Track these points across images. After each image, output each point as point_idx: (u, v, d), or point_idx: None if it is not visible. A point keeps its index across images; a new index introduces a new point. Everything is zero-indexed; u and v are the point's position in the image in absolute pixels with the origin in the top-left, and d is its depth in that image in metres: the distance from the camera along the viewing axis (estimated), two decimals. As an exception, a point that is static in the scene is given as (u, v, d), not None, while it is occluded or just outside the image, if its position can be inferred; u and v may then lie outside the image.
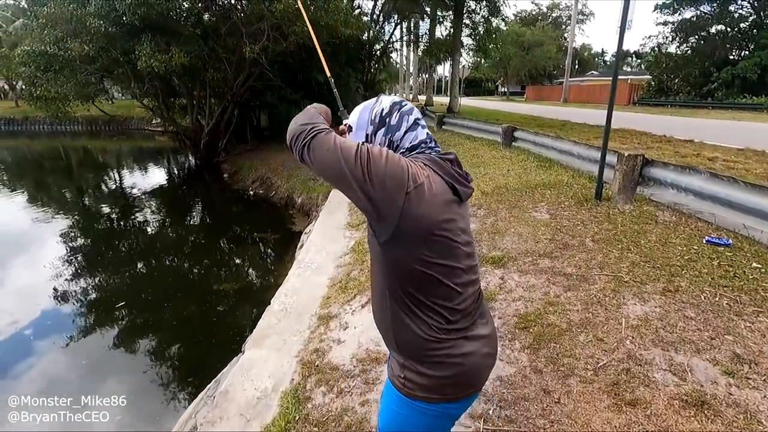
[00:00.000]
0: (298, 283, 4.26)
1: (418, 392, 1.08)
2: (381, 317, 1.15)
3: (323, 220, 6.56)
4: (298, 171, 11.76)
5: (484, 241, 4.03)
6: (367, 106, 1.18)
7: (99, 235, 9.04)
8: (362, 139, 1.15)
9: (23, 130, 26.85)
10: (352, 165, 0.96)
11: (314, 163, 1.03)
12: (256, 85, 14.75)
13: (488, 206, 5.06)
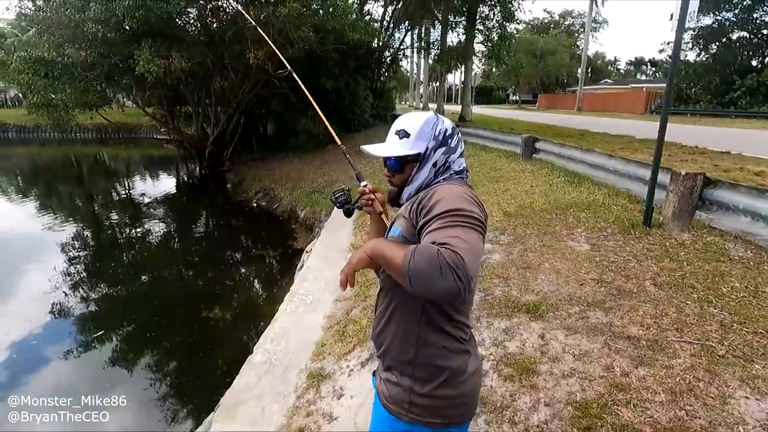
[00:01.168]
0: (288, 322, 3.59)
1: (425, 417, 1.06)
2: (391, 320, 1.13)
3: (324, 240, 5.91)
4: (301, 182, 11.18)
5: (512, 278, 3.32)
6: (429, 120, 1.15)
7: (102, 246, 8.78)
8: (421, 149, 1.13)
9: (35, 138, 26.86)
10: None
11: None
12: (262, 92, 14.28)
13: (513, 231, 4.36)
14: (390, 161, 1.17)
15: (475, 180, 7.04)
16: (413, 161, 1.14)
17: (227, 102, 15.20)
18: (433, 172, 1.13)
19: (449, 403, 1.07)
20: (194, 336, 5.22)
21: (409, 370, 1.08)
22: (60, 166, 20.26)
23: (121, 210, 12.06)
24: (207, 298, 6.18)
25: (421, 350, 1.07)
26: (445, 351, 1.07)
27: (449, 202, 0.96)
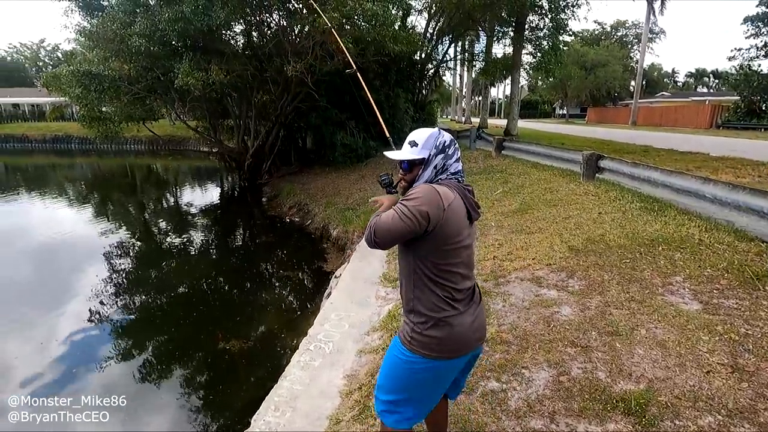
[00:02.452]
0: (300, 381, 2.90)
1: (419, 348, 1.48)
2: (404, 284, 1.55)
3: (353, 268, 5.23)
4: (336, 198, 10.66)
5: (595, 349, 2.47)
6: (433, 134, 1.56)
7: (147, 253, 9.12)
8: (425, 155, 1.52)
9: (94, 149, 28.46)
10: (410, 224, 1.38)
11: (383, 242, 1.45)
12: (301, 106, 14.07)
13: (585, 274, 3.49)
14: (403, 164, 1.58)
15: (529, 204, 6.15)
16: (420, 164, 1.55)
17: (267, 115, 15.15)
18: (434, 173, 1.52)
19: (437, 342, 1.46)
20: (210, 371, 4.70)
21: (411, 316, 1.53)
22: (116, 175, 21.25)
23: (167, 219, 12.37)
24: (229, 322, 5.69)
25: (415, 302, 1.51)
26: (432, 304, 1.47)
27: (409, 196, 1.42)
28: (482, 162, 10.48)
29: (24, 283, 7.08)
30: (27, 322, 5.70)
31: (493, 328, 2.92)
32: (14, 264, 8.00)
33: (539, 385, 2.23)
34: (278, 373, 4.44)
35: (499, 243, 4.78)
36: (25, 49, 47.92)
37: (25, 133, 31.36)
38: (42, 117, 34.94)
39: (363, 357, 3.15)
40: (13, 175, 20.84)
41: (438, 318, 1.45)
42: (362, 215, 8.40)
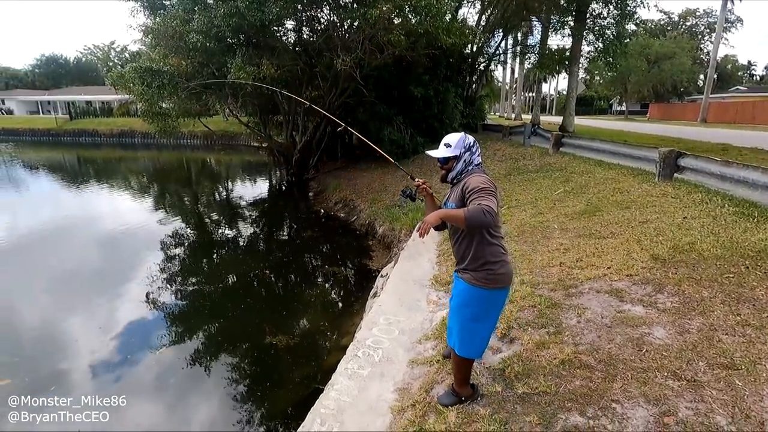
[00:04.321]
0: (347, 392, 2.66)
1: (488, 284, 2.07)
2: (472, 247, 2.10)
3: (402, 269, 4.95)
4: (383, 194, 10.44)
5: (706, 384, 2.01)
6: (461, 137, 2.17)
7: (199, 243, 9.43)
8: (456, 153, 2.15)
9: (155, 143, 30.13)
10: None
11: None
12: (349, 101, 13.97)
13: (677, 288, 2.99)
14: (441, 160, 2.20)
15: (597, 205, 5.59)
16: (453, 159, 2.17)
17: (315, 111, 15.21)
18: (464, 165, 2.15)
19: (495, 277, 2.07)
20: (257, 365, 4.67)
21: (474, 264, 2.10)
22: (174, 168, 22.39)
23: (218, 210, 12.78)
24: (275, 316, 5.65)
25: (486, 255, 2.08)
26: (489, 255, 2.08)
27: (475, 185, 1.98)
28: (538, 159, 9.84)
29: (91, 269, 7.46)
30: (90, 306, 5.95)
31: (568, 348, 2.53)
32: (84, 250, 8.48)
33: (637, 425, 1.85)
34: (322, 373, 4.31)
35: (565, 248, 4.31)
36: (97, 50, 51.71)
37: (96, 128, 33.82)
38: (110, 113, 37.53)
39: (415, 368, 2.87)
40: (85, 167, 22.50)
41: (502, 261, 2.10)
42: (410, 212, 8.11)
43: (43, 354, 4.77)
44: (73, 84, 49.97)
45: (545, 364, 2.42)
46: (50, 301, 6.12)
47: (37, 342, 5.07)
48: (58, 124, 35.27)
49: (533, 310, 3.14)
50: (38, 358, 4.69)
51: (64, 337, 5.16)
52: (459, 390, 2.33)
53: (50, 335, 5.21)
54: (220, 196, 15.22)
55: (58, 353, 4.78)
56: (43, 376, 4.30)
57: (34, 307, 5.92)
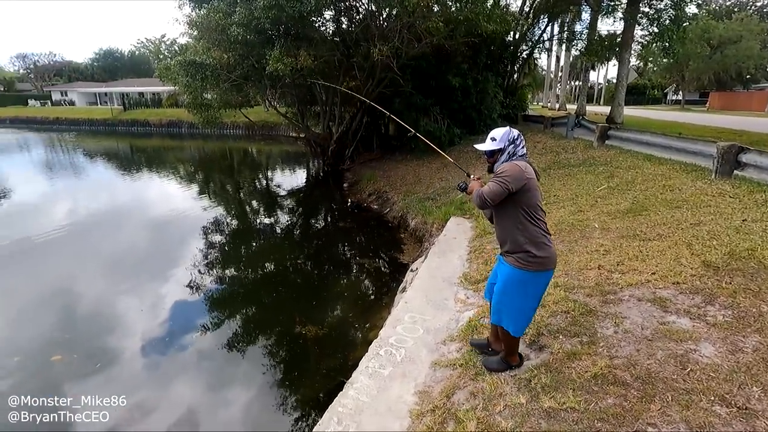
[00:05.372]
0: (366, 392, 2.63)
1: (529, 266, 2.24)
2: (510, 230, 2.30)
3: (431, 265, 4.85)
4: (416, 187, 10.30)
5: (760, 414, 1.80)
6: (506, 131, 2.36)
7: (239, 230, 9.78)
8: (501, 146, 2.34)
9: (200, 133, 31.39)
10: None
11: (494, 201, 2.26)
12: (386, 91, 13.84)
13: (731, 300, 2.72)
14: (487, 153, 2.43)
15: (644, 204, 5.21)
16: (498, 152, 2.37)
17: (352, 101, 15.22)
18: (508, 156, 2.34)
19: (537, 260, 2.23)
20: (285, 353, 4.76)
21: (517, 248, 2.28)
22: (217, 158, 23.24)
23: (257, 199, 13.17)
24: (305, 306, 5.74)
25: (523, 238, 2.25)
26: (528, 238, 2.25)
27: (498, 172, 2.26)
28: (581, 153, 9.33)
29: (140, 253, 7.87)
30: (137, 288, 6.29)
31: (602, 361, 2.36)
32: (135, 234, 8.99)
33: (675, 454, 1.68)
34: (348, 366, 4.31)
35: (605, 249, 4.05)
36: (149, 43, 54.32)
37: (147, 119, 35.62)
38: (160, 104, 39.39)
39: (438, 371, 2.79)
40: (137, 155, 23.81)
41: (541, 243, 2.25)
42: (442, 206, 7.95)
43: (92, 332, 5.08)
44: (128, 76, 52.78)
45: (576, 377, 2.27)
46: (102, 283, 6.52)
47: (88, 321, 5.41)
48: (114, 114, 37.45)
49: (566, 317, 2.96)
50: (87, 336, 5.00)
51: (112, 317, 5.48)
52: (508, 359, 2.57)
53: (100, 314, 5.55)
54: (259, 185, 15.63)
55: (106, 332, 5.08)
56: (90, 353, 4.59)
57: (87, 288, 6.33)
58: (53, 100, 48.86)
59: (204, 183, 15.63)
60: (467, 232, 6.07)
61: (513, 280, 2.30)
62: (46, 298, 5.93)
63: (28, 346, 4.70)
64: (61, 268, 7.00)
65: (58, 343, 4.75)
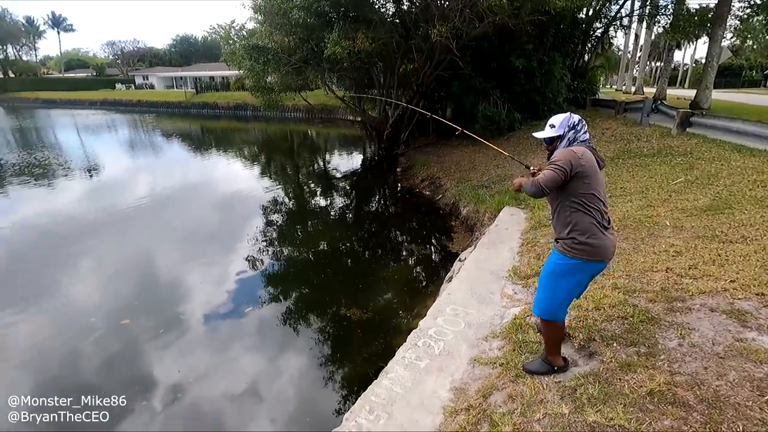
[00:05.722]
0: (401, 383, 2.59)
1: (573, 253, 2.17)
2: (560, 217, 2.25)
3: (479, 256, 4.68)
4: (470, 174, 9.99)
5: None
6: (566, 117, 2.28)
7: (295, 210, 10.16)
8: (560, 133, 2.27)
9: (263, 116, 32.71)
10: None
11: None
12: (444, 74, 13.45)
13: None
14: (546, 140, 2.37)
15: (727, 201, 4.63)
16: (557, 139, 2.30)
17: (409, 85, 14.98)
18: (568, 143, 2.26)
19: (584, 247, 2.15)
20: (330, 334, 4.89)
21: (562, 233, 2.24)
22: (278, 140, 24.16)
23: (314, 181, 13.56)
24: (352, 289, 5.85)
25: (568, 224, 2.20)
26: (577, 224, 2.17)
27: (553, 159, 2.19)
28: (657, 141, 8.48)
29: (206, 228, 8.40)
30: (201, 261, 6.73)
31: (661, 376, 2.12)
32: (202, 211, 9.62)
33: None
34: (389, 353, 4.32)
35: (676, 250, 3.65)
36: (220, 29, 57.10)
37: (216, 102, 37.69)
38: (228, 88, 41.46)
39: (477, 368, 2.68)
40: (207, 136, 25.39)
41: (591, 232, 2.15)
42: (496, 195, 7.64)
43: (159, 300, 5.53)
44: (200, 61, 55.98)
45: (628, 392, 2.06)
46: (171, 254, 7.05)
47: (155, 288, 5.89)
48: (187, 97, 40.01)
49: (623, 323, 2.71)
50: (155, 303, 5.45)
51: (177, 287, 5.93)
52: (551, 359, 2.42)
53: (166, 283, 6.02)
54: (316, 168, 16.03)
55: (171, 300, 5.50)
56: (155, 320, 4.99)
57: (158, 259, 6.89)
58: (136, 83, 53.19)
59: (265, 164, 16.33)
60: (521, 224, 5.78)
61: (555, 264, 2.26)
62: (122, 266, 6.52)
63: (103, 309, 5.21)
64: (137, 239, 7.65)
65: (128, 308, 5.21)
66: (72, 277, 6.18)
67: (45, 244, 7.31)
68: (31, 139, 21.65)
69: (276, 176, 13.94)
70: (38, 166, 13.76)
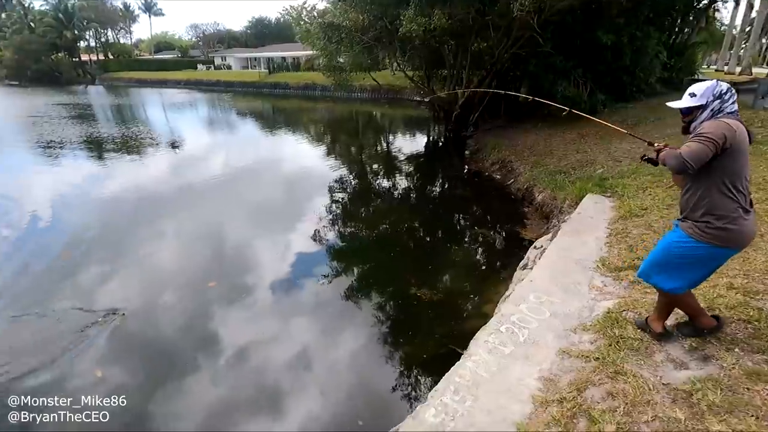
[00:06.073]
0: (484, 366, 2.51)
1: (703, 237, 2.02)
2: (697, 197, 2.04)
3: (561, 244, 4.41)
4: (547, 158, 9.43)
5: None
6: (710, 85, 2.03)
7: (359, 190, 10.13)
8: (702, 102, 2.02)
9: (330, 96, 33.36)
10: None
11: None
12: (521, 52, 12.70)
13: None
14: (683, 110, 2.13)
15: None
16: (697, 109, 2.06)
17: (482, 64, 14.38)
18: (711, 114, 2.02)
19: (721, 235, 1.98)
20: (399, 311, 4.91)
21: (694, 214, 2.06)
22: (345, 119, 24.55)
23: (378, 161, 13.57)
24: (420, 269, 5.80)
25: (701, 204, 2.02)
26: (714, 207, 1.98)
27: (699, 131, 1.95)
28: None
29: (274, 202, 8.81)
30: (271, 234, 7.07)
31: None
32: (270, 186, 10.10)
33: None
34: (459, 336, 4.26)
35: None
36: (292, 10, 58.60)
37: (287, 81, 39.01)
38: (298, 68, 42.67)
39: (566, 360, 2.52)
40: (277, 115, 26.44)
41: (729, 216, 1.97)
42: (577, 181, 7.14)
43: (239, 267, 5.89)
44: (274, 42, 57.99)
45: (761, 404, 1.82)
46: (246, 226, 7.47)
47: (235, 256, 6.28)
48: (260, 77, 41.79)
49: (745, 327, 2.39)
50: (235, 269, 5.81)
51: (253, 256, 6.28)
52: (650, 323, 2.47)
53: (244, 253, 6.39)
54: (381, 148, 16.05)
55: (249, 268, 5.85)
56: (236, 284, 5.34)
57: (235, 229, 7.32)
58: (215, 64, 56.45)
59: (331, 143, 16.65)
60: (606, 213, 5.36)
61: (676, 243, 2.14)
62: (205, 234, 7.03)
63: (191, 272, 5.66)
64: (216, 210, 8.19)
65: (213, 272, 5.61)
66: (164, 241, 6.79)
67: (138, 211, 8.06)
68: (126, 115, 23.89)
69: (341, 156, 14.15)
70: (132, 140, 15.20)
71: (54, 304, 4.70)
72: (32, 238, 6.74)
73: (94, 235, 6.81)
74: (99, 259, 5.97)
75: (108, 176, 10.46)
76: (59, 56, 54.22)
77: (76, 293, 5.03)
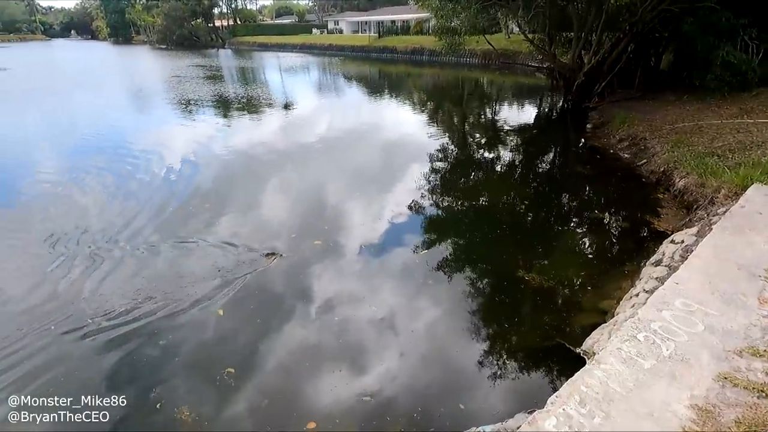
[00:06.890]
0: (617, 378, 2.14)
1: None
2: None
3: (719, 243, 3.63)
4: (693, 138, 7.93)
5: None
6: None
7: (459, 160, 9.72)
8: None
9: (437, 61, 32.27)
10: None
11: None
12: (672, 8, 10.63)
13: None
14: None
15: None
16: None
17: (618, 24, 12.43)
18: None
19: None
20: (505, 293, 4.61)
21: None
22: (451, 86, 23.64)
23: (482, 132, 12.86)
24: (528, 250, 5.39)
25: None
26: None
27: None
28: None
29: (372, 168, 8.84)
30: (367, 198, 7.11)
31: None
32: (369, 152, 10.16)
33: None
34: (571, 331, 3.83)
35: None
36: (405, -30, 57.06)
37: (395, 46, 38.59)
38: (407, 32, 41.83)
39: (729, 390, 2.03)
40: (383, 79, 26.45)
41: None
42: (738, 167, 5.87)
43: (336, 229, 6.01)
44: (385, 5, 57.48)
45: None
46: (346, 189, 7.62)
47: (333, 219, 6.43)
48: (369, 41, 41.95)
49: None
50: (334, 231, 5.96)
51: (351, 219, 6.38)
52: None
53: (343, 216, 6.52)
54: (486, 118, 15.10)
55: (344, 230, 5.95)
56: (337, 245, 5.48)
57: (336, 192, 7.52)
58: (328, 29, 58.11)
59: (434, 111, 16.16)
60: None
61: None
62: (311, 195, 7.34)
63: (300, 229, 5.95)
64: (319, 173, 8.47)
65: (318, 231, 5.83)
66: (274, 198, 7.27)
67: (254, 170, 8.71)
68: (248, 77, 25.92)
69: (442, 124, 13.63)
70: (252, 100, 16.48)
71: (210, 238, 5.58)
72: (177, 185, 7.72)
73: (217, 187, 7.58)
74: (231, 208, 6.65)
75: (228, 137, 11.38)
76: (197, 22, 60.51)
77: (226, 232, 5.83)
